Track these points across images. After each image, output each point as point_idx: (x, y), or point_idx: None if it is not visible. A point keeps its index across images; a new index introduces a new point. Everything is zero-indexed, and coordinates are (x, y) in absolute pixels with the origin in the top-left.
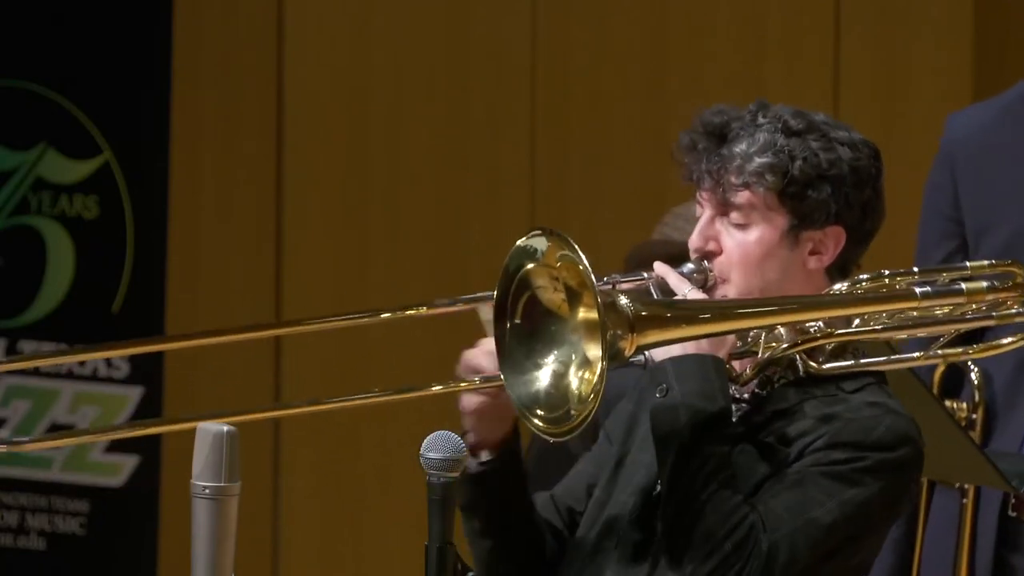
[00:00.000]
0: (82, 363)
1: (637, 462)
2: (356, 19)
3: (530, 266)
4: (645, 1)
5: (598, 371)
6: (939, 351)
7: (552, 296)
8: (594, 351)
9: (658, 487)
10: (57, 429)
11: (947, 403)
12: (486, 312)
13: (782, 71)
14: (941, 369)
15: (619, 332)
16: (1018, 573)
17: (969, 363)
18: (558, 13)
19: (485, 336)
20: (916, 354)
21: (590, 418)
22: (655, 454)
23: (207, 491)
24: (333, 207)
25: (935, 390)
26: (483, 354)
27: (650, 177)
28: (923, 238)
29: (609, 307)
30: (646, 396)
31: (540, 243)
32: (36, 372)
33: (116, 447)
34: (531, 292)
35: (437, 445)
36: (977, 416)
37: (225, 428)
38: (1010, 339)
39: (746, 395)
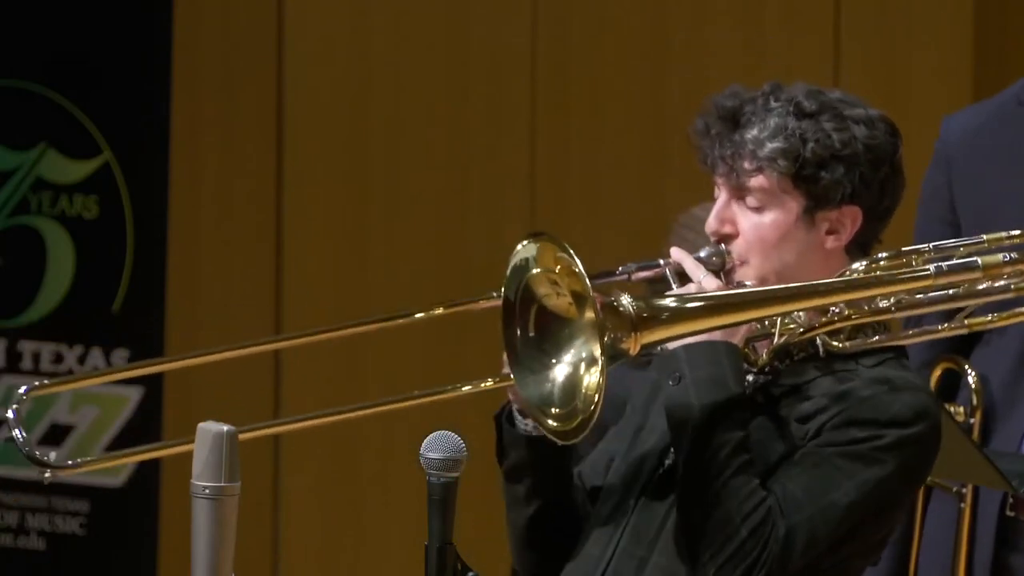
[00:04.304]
0: (81, 363)
1: (653, 427)
2: (356, 19)
3: (533, 272)
4: (645, 2)
5: (599, 373)
6: (965, 320)
7: (557, 302)
8: (599, 352)
9: (670, 457)
10: (57, 429)
11: (945, 407)
12: None
13: (782, 72)
14: (938, 373)
15: (620, 335)
16: (1017, 573)
17: (966, 367)
18: (558, 13)
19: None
20: (941, 326)
21: (596, 416)
22: (671, 440)
23: (207, 491)
24: (333, 207)
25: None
26: None
27: (650, 177)
28: (919, 241)
29: (609, 310)
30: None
31: (531, 250)
32: (35, 372)
33: (116, 447)
34: (537, 300)
35: (437, 445)
36: (975, 420)
37: (225, 428)
38: None
39: (766, 368)
